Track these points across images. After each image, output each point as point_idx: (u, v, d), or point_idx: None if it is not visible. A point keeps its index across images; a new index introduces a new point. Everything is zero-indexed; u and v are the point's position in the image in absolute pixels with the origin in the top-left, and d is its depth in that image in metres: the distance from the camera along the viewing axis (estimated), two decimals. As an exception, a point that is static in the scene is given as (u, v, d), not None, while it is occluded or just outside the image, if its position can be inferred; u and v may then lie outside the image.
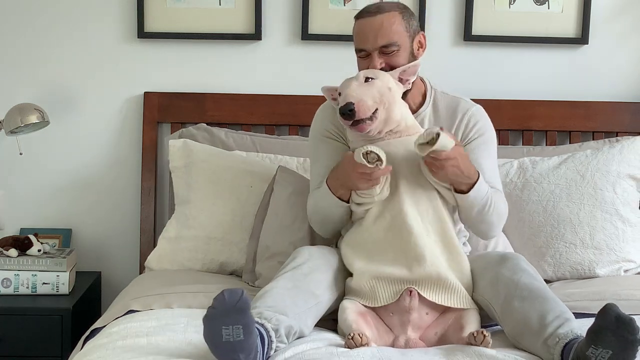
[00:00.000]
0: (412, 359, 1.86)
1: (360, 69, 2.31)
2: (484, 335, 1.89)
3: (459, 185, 2.18)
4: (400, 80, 2.24)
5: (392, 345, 2.03)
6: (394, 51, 2.28)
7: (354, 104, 2.12)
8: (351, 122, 2.13)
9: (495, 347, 1.95)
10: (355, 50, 2.34)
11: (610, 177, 2.70)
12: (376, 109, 2.15)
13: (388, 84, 2.19)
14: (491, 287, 2.06)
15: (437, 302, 2.06)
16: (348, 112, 2.11)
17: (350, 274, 2.18)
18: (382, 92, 2.17)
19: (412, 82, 2.29)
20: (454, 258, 2.14)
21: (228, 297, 1.75)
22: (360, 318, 2.04)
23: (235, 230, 2.67)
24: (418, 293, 2.05)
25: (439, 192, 2.19)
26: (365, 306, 2.08)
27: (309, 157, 2.48)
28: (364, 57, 2.31)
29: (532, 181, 2.70)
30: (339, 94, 2.21)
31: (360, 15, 2.32)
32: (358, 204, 2.20)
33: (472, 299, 2.11)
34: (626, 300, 2.29)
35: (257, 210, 2.65)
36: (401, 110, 2.22)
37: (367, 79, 2.18)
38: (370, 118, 2.14)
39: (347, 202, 2.22)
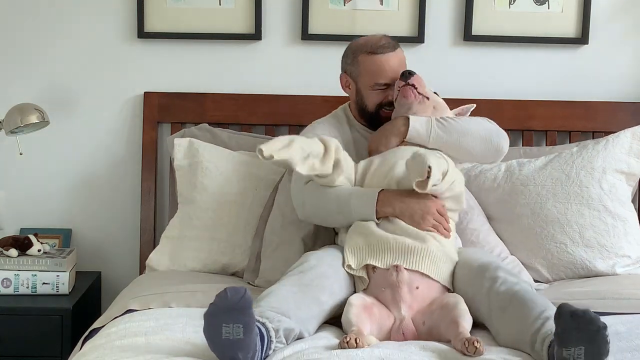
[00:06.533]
0: (411, 356, 1.86)
1: (375, 102, 2.51)
2: (476, 347, 1.88)
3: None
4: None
5: (390, 329, 2.06)
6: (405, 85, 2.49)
7: (417, 74, 2.44)
8: (405, 82, 2.41)
9: (496, 346, 1.95)
10: (374, 84, 2.48)
11: (596, 174, 2.69)
12: (428, 98, 2.45)
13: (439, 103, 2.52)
14: (472, 302, 2.08)
15: (420, 270, 2.12)
16: (408, 73, 2.42)
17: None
18: (435, 100, 2.49)
19: None
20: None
21: (231, 294, 1.75)
22: (363, 313, 2.06)
23: (239, 233, 2.67)
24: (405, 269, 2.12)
25: None
26: (366, 291, 2.14)
27: None
28: (384, 89, 2.49)
29: (519, 184, 2.69)
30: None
31: (381, 51, 2.47)
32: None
33: None
34: (627, 299, 2.29)
35: (261, 212, 2.66)
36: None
37: (434, 92, 2.55)
38: (417, 95, 2.43)
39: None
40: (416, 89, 2.43)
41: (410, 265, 2.13)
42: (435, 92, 2.52)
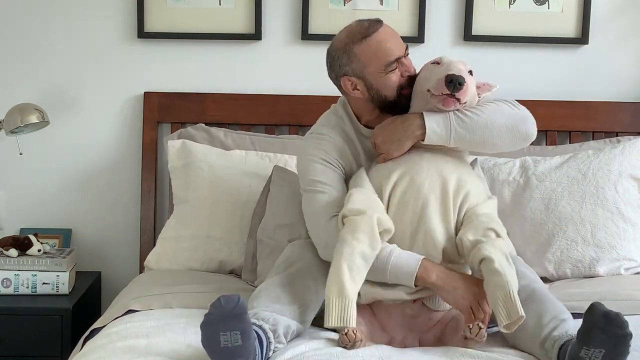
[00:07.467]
0: (412, 358, 1.86)
1: (393, 86, 2.16)
2: (480, 327, 1.88)
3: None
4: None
5: (389, 344, 2.03)
6: (408, 54, 2.22)
7: (466, 83, 2.04)
8: (452, 94, 2.03)
9: (495, 347, 1.95)
10: (385, 66, 2.14)
11: (612, 177, 2.70)
12: (465, 103, 2.09)
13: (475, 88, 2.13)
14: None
15: (440, 309, 2.06)
16: (458, 84, 2.02)
17: None
18: (473, 92, 2.12)
19: None
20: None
21: (225, 303, 1.75)
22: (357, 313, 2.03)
23: (234, 230, 2.68)
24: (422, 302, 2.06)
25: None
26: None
27: (309, 172, 2.22)
28: (395, 68, 2.16)
29: (534, 179, 2.70)
30: (437, 63, 2.13)
31: (372, 30, 2.15)
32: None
33: None
34: (626, 300, 2.29)
35: (254, 209, 2.66)
36: None
37: (469, 71, 2.12)
38: (458, 106, 2.08)
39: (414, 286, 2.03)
40: (458, 100, 2.07)
41: (431, 304, 2.06)
42: (470, 71, 2.14)
